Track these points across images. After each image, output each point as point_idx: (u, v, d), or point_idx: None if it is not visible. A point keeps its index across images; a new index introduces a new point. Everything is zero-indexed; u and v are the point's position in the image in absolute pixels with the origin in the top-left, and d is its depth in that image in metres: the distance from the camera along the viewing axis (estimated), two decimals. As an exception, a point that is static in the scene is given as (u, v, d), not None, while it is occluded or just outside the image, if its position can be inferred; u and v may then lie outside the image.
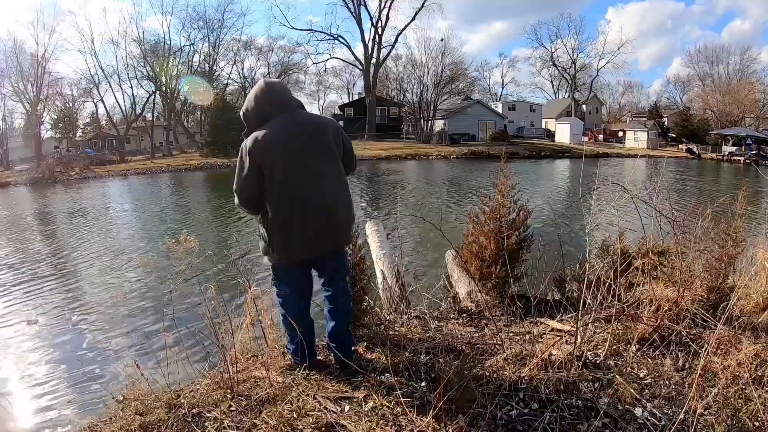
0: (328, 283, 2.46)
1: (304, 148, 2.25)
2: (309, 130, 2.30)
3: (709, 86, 49.07)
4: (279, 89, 2.37)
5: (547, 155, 36.40)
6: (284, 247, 2.27)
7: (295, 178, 2.23)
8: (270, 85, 2.35)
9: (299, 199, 2.24)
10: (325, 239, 2.32)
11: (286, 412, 1.99)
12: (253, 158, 2.20)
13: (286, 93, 2.39)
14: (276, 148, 2.21)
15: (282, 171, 2.21)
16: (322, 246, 2.33)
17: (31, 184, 29.86)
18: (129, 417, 2.14)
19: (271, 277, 2.47)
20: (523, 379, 2.15)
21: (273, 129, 2.24)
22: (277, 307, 2.52)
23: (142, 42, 44.73)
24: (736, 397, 1.95)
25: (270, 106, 2.30)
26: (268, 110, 2.29)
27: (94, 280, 7.77)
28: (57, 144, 46.60)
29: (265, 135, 2.21)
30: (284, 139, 2.23)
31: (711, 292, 2.78)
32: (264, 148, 2.20)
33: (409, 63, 46.77)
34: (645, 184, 3.56)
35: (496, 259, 3.55)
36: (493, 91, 67.13)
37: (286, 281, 2.40)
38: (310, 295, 2.50)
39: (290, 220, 2.24)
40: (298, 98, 2.46)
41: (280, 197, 2.23)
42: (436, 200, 15.88)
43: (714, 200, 3.14)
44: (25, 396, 4.12)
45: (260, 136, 2.22)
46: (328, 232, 2.31)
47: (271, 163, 2.20)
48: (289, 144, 2.23)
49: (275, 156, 2.20)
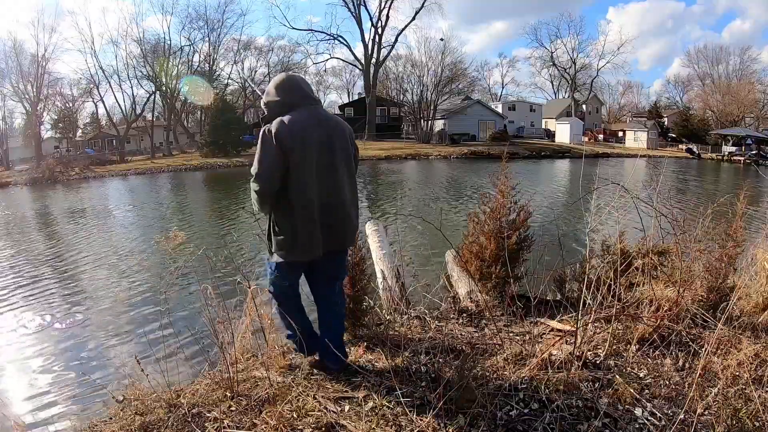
0: (328, 284, 2.44)
1: (328, 142, 2.23)
2: (332, 126, 2.29)
3: (709, 86, 49.07)
4: (303, 81, 2.37)
5: (547, 155, 36.40)
6: (299, 243, 2.18)
7: (319, 171, 2.19)
8: (295, 77, 2.37)
9: (320, 193, 2.19)
10: (336, 239, 2.30)
11: (286, 412, 1.99)
12: (280, 142, 2.11)
13: (309, 86, 2.39)
14: (304, 133, 2.16)
15: (307, 159, 2.15)
16: (332, 245, 2.29)
17: (31, 184, 29.84)
18: (129, 417, 2.14)
19: (269, 273, 2.38)
20: (523, 379, 2.15)
21: (300, 115, 2.19)
22: (273, 305, 2.49)
23: (142, 42, 44.78)
24: (736, 397, 1.95)
25: (295, 97, 2.26)
26: (292, 100, 2.25)
27: (94, 280, 7.77)
28: (57, 144, 46.60)
29: (293, 119, 2.16)
30: (311, 127, 2.19)
31: (711, 292, 2.78)
32: (291, 132, 2.12)
33: (408, 63, 46.80)
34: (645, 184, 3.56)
35: (496, 259, 3.55)
36: (493, 91, 67.23)
37: (288, 279, 2.34)
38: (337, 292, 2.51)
39: (310, 215, 2.17)
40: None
41: (300, 188, 2.15)
42: (436, 200, 15.88)
43: (714, 200, 3.14)
44: (25, 396, 4.12)
45: (288, 120, 2.15)
46: (339, 232, 2.29)
47: (301, 149, 2.13)
48: (316, 134, 2.19)
49: (303, 143, 2.14)
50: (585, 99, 54.42)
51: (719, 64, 51.09)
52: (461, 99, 49.32)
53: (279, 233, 2.22)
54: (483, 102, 50.40)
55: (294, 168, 2.14)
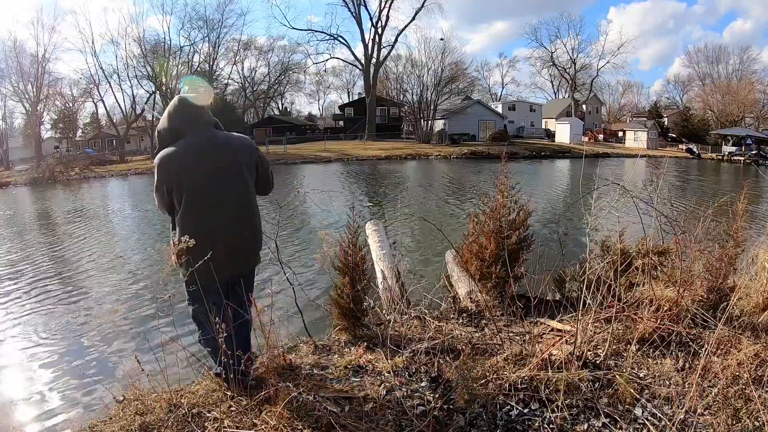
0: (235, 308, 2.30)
1: (211, 170, 2.20)
2: (219, 151, 2.24)
3: (709, 86, 49.07)
4: (192, 105, 2.28)
5: (547, 155, 36.42)
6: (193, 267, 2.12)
7: (200, 201, 2.19)
8: (183, 101, 2.28)
9: (203, 222, 2.18)
10: (229, 264, 2.24)
11: (286, 412, 1.99)
12: (161, 176, 2.19)
13: (200, 110, 2.30)
14: (182, 168, 2.17)
15: (187, 192, 2.17)
16: (226, 271, 2.24)
17: (31, 184, 29.85)
18: (129, 417, 2.14)
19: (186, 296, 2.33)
20: (523, 379, 2.15)
21: (181, 147, 2.20)
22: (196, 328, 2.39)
23: (142, 42, 44.78)
24: (736, 397, 1.95)
25: (181, 123, 2.25)
26: (180, 127, 2.24)
27: (94, 281, 7.77)
28: (57, 144, 46.64)
29: (172, 153, 2.19)
30: (190, 159, 2.19)
31: (711, 292, 2.78)
32: (169, 168, 2.18)
33: (408, 63, 46.81)
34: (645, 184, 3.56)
35: (496, 259, 3.55)
36: (493, 91, 67.34)
37: (201, 302, 2.24)
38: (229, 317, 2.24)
39: (196, 242, 2.14)
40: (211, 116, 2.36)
41: (185, 219, 2.19)
42: (436, 200, 15.88)
43: (714, 200, 3.14)
44: (25, 396, 4.12)
45: (168, 154, 2.19)
46: (231, 257, 2.23)
47: (177, 183, 2.17)
48: (195, 165, 2.18)
49: (181, 176, 2.17)
50: (585, 99, 54.44)
51: (719, 64, 51.17)
52: (461, 99, 49.36)
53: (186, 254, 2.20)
54: (483, 102, 50.45)
55: (180, 200, 2.19)
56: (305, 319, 3.45)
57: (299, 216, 12.50)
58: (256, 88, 55.32)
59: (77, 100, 48.36)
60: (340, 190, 19.37)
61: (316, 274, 6.65)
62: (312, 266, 7.04)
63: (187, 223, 2.19)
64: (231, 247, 2.24)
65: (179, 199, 2.19)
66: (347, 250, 2.94)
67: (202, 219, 2.20)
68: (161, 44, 45.58)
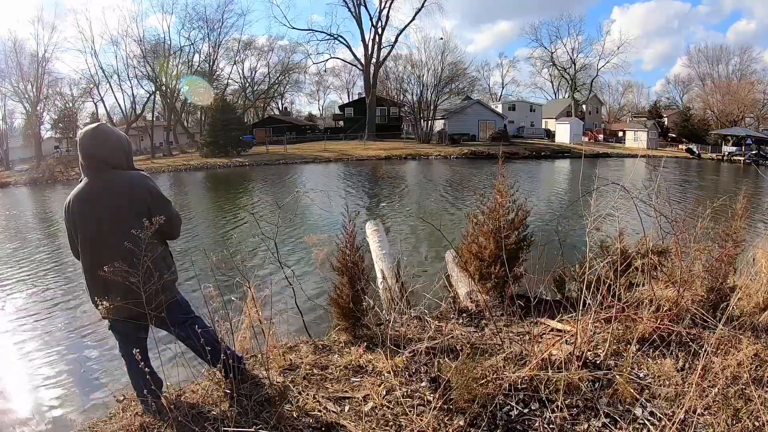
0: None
1: (102, 217, 2.14)
2: (111, 200, 2.16)
3: (709, 86, 49.07)
4: (92, 144, 2.17)
5: (547, 155, 36.39)
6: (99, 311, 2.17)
7: (89, 249, 2.18)
8: (84, 136, 2.18)
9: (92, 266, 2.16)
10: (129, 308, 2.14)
11: (286, 412, 1.99)
12: (65, 217, 2.24)
13: (101, 150, 2.18)
14: (74, 214, 2.18)
15: (79, 237, 2.19)
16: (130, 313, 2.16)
17: (31, 184, 29.85)
18: (129, 417, 2.14)
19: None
20: (523, 379, 2.15)
21: (78, 192, 2.19)
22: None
23: (142, 42, 44.74)
24: (736, 397, 1.95)
25: (83, 159, 2.19)
26: (83, 162, 2.19)
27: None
28: (57, 144, 46.57)
29: (71, 198, 2.19)
30: (81, 206, 2.17)
31: (711, 292, 2.78)
32: (66, 212, 2.21)
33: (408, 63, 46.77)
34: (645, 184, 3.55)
35: (496, 259, 3.55)
36: (493, 91, 67.32)
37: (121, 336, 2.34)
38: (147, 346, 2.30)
39: (90, 284, 2.23)
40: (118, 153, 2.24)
41: (83, 261, 2.22)
42: (436, 201, 15.88)
43: (714, 200, 3.14)
44: (26, 396, 4.12)
45: (69, 197, 2.20)
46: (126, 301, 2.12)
47: (74, 228, 2.20)
48: (87, 213, 2.16)
49: (74, 222, 2.19)
50: (585, 99, 54.44)
51: (719, 64, 51.16)
52: (461, 99, 49.33)
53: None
54: (483, 102, 50.41)
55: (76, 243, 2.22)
56: (305, 319, 3.46)
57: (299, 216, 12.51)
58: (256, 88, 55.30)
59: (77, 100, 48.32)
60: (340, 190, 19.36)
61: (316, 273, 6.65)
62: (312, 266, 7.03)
63: (84, 265, 2.23)
64: (123, 292, 2.10)
65: (77, 239, 2.22)
66: (345, 250, 2.94)
67: (91, 268, 2.18)
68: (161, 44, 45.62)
